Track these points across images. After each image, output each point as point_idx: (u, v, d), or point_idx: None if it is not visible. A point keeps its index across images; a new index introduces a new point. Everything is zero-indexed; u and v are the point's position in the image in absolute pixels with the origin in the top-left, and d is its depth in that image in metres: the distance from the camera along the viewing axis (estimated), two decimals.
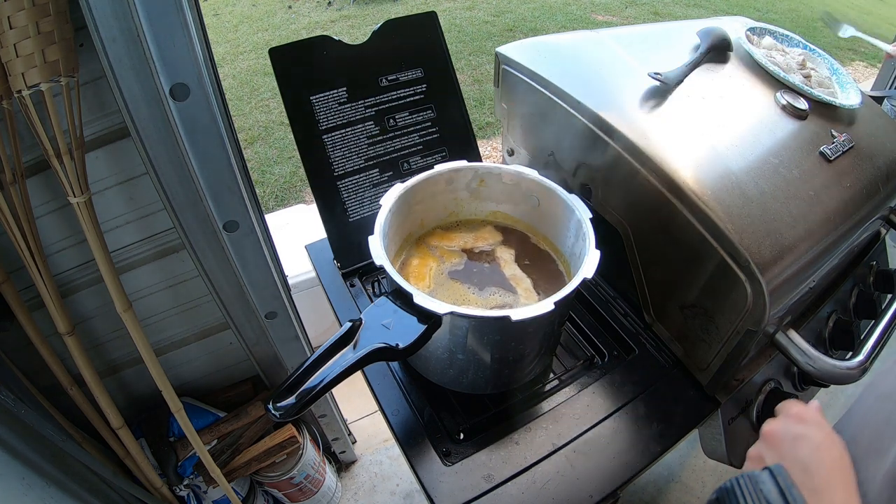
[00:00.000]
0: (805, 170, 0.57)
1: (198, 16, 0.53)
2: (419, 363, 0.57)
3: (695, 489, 1.16)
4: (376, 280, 0.70)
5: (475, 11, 4.21)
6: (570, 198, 0.55)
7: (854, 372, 0.53)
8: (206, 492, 0.96)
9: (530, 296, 0.56)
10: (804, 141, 0.60)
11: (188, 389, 0.98)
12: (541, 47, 0.71)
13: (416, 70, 0.70)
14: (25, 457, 0.67)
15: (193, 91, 0.53)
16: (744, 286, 0.50)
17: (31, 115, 0.53)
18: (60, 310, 0.67)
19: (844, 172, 0.58)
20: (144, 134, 0.57)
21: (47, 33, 0.50)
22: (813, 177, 0.56)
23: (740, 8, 4.72)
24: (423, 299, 0.44)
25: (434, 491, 0.49)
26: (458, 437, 0.54)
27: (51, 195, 0.67)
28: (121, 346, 0.85)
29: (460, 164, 0.59)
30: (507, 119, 0.77)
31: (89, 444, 0.82)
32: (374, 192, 0.70)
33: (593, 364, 0.61)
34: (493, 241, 0.62)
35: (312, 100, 0.66)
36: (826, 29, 4.46)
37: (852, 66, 3.86)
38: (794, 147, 0.58)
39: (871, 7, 5.44)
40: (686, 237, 0.53)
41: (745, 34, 0.72)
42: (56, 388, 0.75)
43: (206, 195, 0.62)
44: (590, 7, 4.45)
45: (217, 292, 0.77)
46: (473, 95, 3.07)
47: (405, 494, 1.25)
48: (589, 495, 0.50)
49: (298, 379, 0.42)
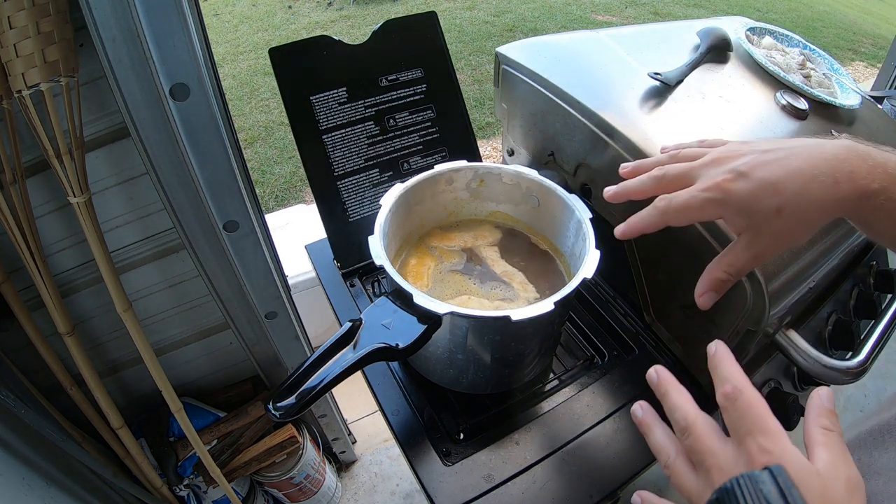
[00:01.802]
0: None
1: (198, 16, 0.53)
2: (419, 363, 0.57)
3: None
4: (376, 280, 0.70)
5: (475, 11, 4.21)
6: (570, 198, 0.55)
7: (854, 372, 0.53)
8: (206, 492, 0.96)
9: (526, 288, 0.57)
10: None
11: (188, 389, 0.98)
12: (541, 47, 0.71)
13: (416, 70, 0.71)
14: (25, 457, 0.67)
15: (193, 91, 0.53)
16: (744, 286, 0.50)
17: (31, 115, 0.53)
18: (60, 310, 0.67)
19: None
20: (144, 134, 0.57)
21: (47, 33, 0.50)
22: None
23: (740, 8, 4.72)
24: (422, 299, 0.44)
25: (434, 491, 0.49)
26: (458, 437, 0.54)
27: (51, 195, 0.67)
28: (121, 346, 0.85)
29: (460, 164, 0.59)
30: (507, 119, 0.77)
31: (89, 444, 0.82)
32: (374, 192, 0.70)
33: (593, 364, 0.61)
34: (492, 241, 0.62)
35: (312, 100, 0.66)
36: (826, 29, 4.46)
37: (852, 66, 3.86)
38: None
39: (871, 7, 5.44)
40: (686, 237, 0.53)
41: (745, 34, 0.72)
42: (56, 388, 0.75)
43: (206, 195, 0.62)
44: (590, 7, 4.45)
45: (217, 292, 0.77)
46: (473, 95, 3.07)
47: (405, 494, 1.25)
48: (589, 495, 0.50)
49: (298, 379, 0.42)
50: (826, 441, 0.29)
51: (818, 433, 0.29)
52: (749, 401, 0.30)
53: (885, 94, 0.98)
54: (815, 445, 0.29)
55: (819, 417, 0.30)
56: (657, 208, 0.40)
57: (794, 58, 0.71)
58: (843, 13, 5.03)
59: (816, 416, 0.30)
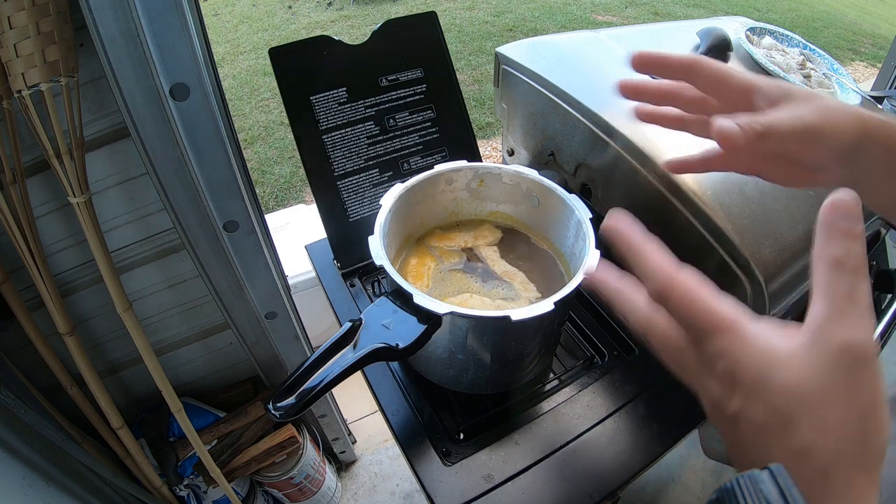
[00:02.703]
0: None
1: (198, 16, 0.53)
2: (419, 363, 0.57)
3: (695, 489, 1.16)
4: (376, 280, 0.70)
5: (475, 11, 4.21)
6: (570, 198, 0.55)
7: None
8: (206, 492, 0.96)
9: (528, 288, 0.57)
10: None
11: (188, 389, 0.98)
12: (541, 47, 0.71)
13: (416, 70, 0.71)
14: (25, 457, 0.67)
15: (193, 91, 0.53)
16: (744, 286, 0.50)
17: (31, 115, 0.53)
18: (60, 310, 0.67)
19: None
20: (144, 134, 0.57)
21: (47, 33, 0.50)
22: None
23: (740, 8, 4.72)
24: (422, 299, 0.44)
25: (434, 491, 0.49)
26: (458, 437, 0.54)
27: (51, 195, 0.67)
28: (121, 346, 0.85)
29: (460, 164, 0.59)
30: (507, 119, 0.77)
31: (89, 444, 0.82)
32: (374, 192, 0.70)
33: (593, 364, 0.61)
34: (492, 241, 0.62)
35: (312, 100, 0.66)
36: (826, 29, 4.46)
37: (852, 66, 3.86)
38: None
39: (871, 7, 5.44)
40: (686, 237, 0.53)
41: (745, 34, 0.72)
42: (56, 388, 0.75)
43: (206, 195, 0.62)
44: (590, 7, 4.45)
45: (217, 292, 0.77)
46: (473, 95, 3.07)
47: (405, 494, 1.25)
48: (589, 495, 0.50)
49: (298, 379, 0.42)
50: (829, 286, 0.20)
51: (821, 272, 0.20)
52: (683, 296, 0.24)
53: (885, 94, 0.98)
54: (812, 297, 0.21)
55: (829, 243, 0.20)
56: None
57: (794, 58, 0.71)
58: (843, 13, 5.03)
59: (825, 242, 0.20)
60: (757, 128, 0.31)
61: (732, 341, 0.22)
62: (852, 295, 0.19)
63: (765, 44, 0.73)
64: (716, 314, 0.23)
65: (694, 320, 0.23)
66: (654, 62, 0.38)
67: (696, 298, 0.23)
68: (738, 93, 0.36)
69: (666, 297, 0.25)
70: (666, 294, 0.25)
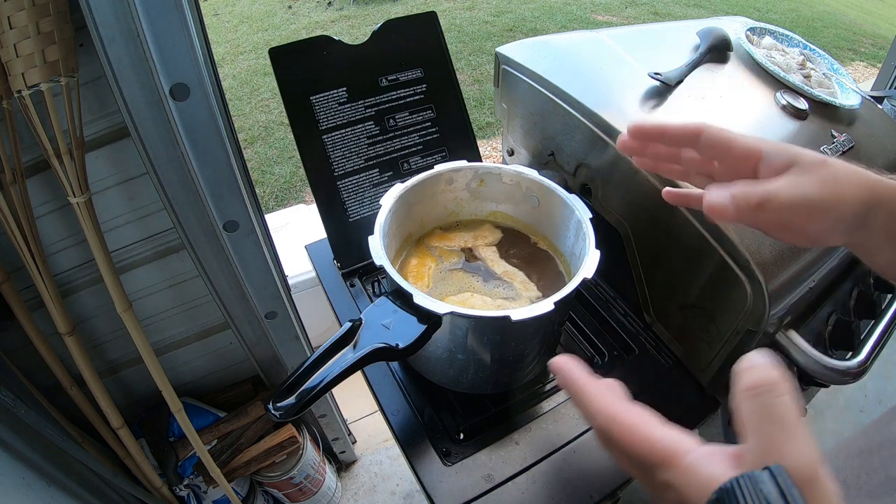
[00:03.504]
0: None
1: (198, 16, 0.53)
2: (419, 363, 0.57)
3: None
4: (376, 280, 0.70)
5: (475, 11, 4.21)
6: (570, 198, 0.55)
7: (854, 372, 0.53)
8: (206, 492, 0.96)
9: (528, 287, 0.57)
10: (804, 141, 0.60)
11: (188, 389, 0.98)
12: (541, 47, 0.71)
13: (416, 70, 0.71)
14: (25, 457, 0.67)
15: (193, 91, 0.53)
16: (744, 286, 0.50)
17: (31, 115, 0.53)
18: (60, 310, 0.67)
19: None
20: (144, 134, 0.57)
21: (47, 33, 0.50)
22: None
23: (740, 8, 4.72)
24: (422, 299, 0.44)
25: (434, 491, 0.49)
26: (458, 437, 0.54)
27: (51, 195, 0.67)
28: (121, 346, 0.85)
29: (460, 164, 0.59)
30: (507, 119, 0.77)
31: (89, 444, 0.82)
32: (374, 192, 0.70)
33: (593, 364, 0.61)
34: (492, 241, 0.62)
35: (312, 100, 0.66)
36: (826, 29, 4.46)
37: (852, 66, 3.86)
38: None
39: (871, 7, 5.44)
40: (686, 237, 0.53)
41: (745, 34, 0.72)
42: (56, 388, 0.75)
43: (206, 195, 0.62)
44: (590, 7, 4.45)
45: (217, 292, 0.77)
46: (473, 95, 3.07)
47: (405, 494, 1.25)
48: (589, 495, 0.50)
49: (298, 379, 0.42)
50: (749, 416, 0.22)
51: (739, 408, 0.22)
52: (624, 434, 0.25)
53: (885, 94, 0.98)
54: (739, 429, 0.22)
55: (739, 382, 0.23)
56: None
57: (794, 58, 0.71)
58: (843, 13, 5.03)
59: (737, 383, 0.23)
60: (752, 200, 0.32)
61: (675, 473, 0.23)
62: (772, 415, 0.21)
63: (765, 44, 0.73)
64: (656, 448, 0.24)
65: (636, 457, 0.25)
66: (653, 134, 0.38)
67: (637, 435, 0.25)
68: (741, 160, 0.35)
69: (608, 436, 0.26)
70: (607, 434, 0.26)
